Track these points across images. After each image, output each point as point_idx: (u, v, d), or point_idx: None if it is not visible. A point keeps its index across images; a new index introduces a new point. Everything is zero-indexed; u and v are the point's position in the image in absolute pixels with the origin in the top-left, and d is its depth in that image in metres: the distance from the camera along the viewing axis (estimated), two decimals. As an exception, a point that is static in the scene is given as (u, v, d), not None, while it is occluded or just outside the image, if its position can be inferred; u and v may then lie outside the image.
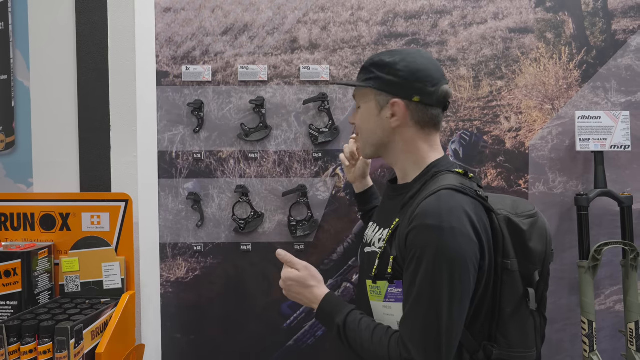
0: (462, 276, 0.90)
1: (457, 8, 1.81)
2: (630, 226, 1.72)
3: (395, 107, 1.06)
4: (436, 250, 0.90)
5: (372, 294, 1.05)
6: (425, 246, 0.91)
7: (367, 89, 1.11)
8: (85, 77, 1.61)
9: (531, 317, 1.01)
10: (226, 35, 1.82)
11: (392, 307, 1.01)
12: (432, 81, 1.05)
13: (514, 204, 1.07)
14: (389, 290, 1.00)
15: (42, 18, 1.62)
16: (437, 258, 0.89)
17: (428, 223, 0.91)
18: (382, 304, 1.03)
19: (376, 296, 1.03)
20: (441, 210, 0.92)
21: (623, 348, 1.75)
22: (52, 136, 1.62)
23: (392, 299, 1.00)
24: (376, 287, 1.03)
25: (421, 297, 0.91)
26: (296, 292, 1.13)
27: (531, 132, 1.82)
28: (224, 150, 1.83)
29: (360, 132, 1.16)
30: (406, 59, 1.06)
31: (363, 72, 1.13)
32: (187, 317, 1.84)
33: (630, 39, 1.81)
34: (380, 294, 1.02)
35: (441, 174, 1.03)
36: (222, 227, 1.83)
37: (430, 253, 0.90)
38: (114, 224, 1.51)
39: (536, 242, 1.02)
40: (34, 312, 1.32)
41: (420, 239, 0.92)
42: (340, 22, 1.82)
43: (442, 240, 0.89)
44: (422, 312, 0.91)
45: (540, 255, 1.02)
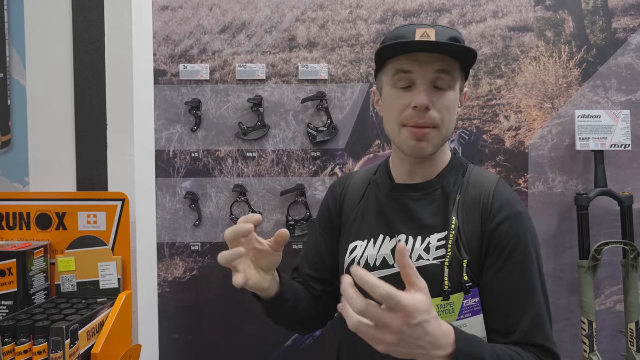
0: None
1: (456, 6, 1.80)
2: (631, 226, 1.71)
3: (463, 96, 0.97)
4: (534, 235, 0.90)
5: (441, 315, 0.84)
6: (526, 232, 0.88)
7: (458, 69, 0.90)
8: (81, 76, 1.60)
9: None
10: (224, 34, 1.81)
11: (467, 325, 0.85)
12: None
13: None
14: (465, 303, 0.85)
15: (38, 16, 1.61)
16: (536, 242, 0.89)
17: (519, 210, 0.89)
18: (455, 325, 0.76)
19: (447, 316, 0.85)
20: (518, 197, 0.93)
21: (623, 349, 1.74)
22: (48, 135, 1.61)
23: (469, 313, 0.86)
24: (448, 304, 0.85)
25: (536, 287, 0.86)
26: (419, 340, 0.64)
27: (531, 131, 1.81)
28: (222, 149, 1.82)
29: (447, 120, 0.89)
30: None
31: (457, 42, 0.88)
32: (184, 317, 1.82)
33: (630, 38, 1.80)
34: (454, 312, 0.85)
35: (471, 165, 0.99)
36: (220, 227, 1.82)
37: (531, 238, 0.88)
38: (111, 223, 1.50)
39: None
40: (30, 312, 1.31)
41: (518, 227, 0.87)
42: (339, 20, 1.81)
43: (532, 226, 0.91)
44: (543, 302, 0.86)
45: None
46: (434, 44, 0.84)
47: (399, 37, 0.88)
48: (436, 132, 0.89)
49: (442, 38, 0.85)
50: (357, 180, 1.07)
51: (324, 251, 1.08)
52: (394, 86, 0.90)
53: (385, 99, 0.93)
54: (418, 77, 0.87)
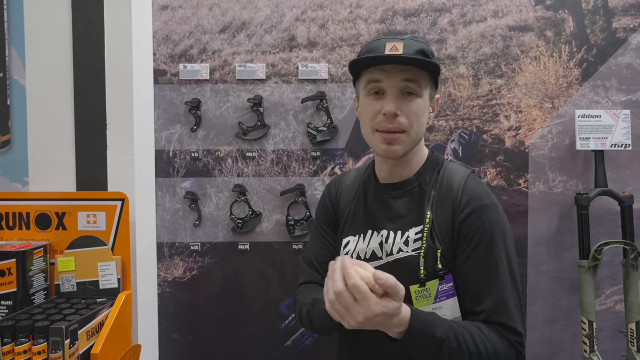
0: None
1: (456, 6, 1.80)
2: (631, 226, 1.70)
3: (435, 103, 1.06)
4: (502, 225, 0.97)
5: (419, 299, 0.97)
6: (493, 223, 0.95)
7: (426, 77, 0.98)
8: (81, 76, 1.60)
9: None
10: (224, 34, 1.81)
11: (443, 307, 0.97)
12: None
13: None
14: (440, 289, 0.97)
15: (38, 16, 1.61)
16: (504, 232, 0.96)
17: (486, 203, 0.97)
18: (431, 307, 0.96)
19: (424, 300, 0.97)
20: (487, 190, 1.00)
21: (624, 349, 1.74)
22: (48, 135, 1.61)
23: (444, 296, 0.97)
24: (425, 289, 0.96)
25: (502, 272, 0.94)
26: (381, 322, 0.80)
27: (531, 131, 1.81)
28: (222, 149, 1.82)
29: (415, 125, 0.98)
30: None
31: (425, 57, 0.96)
32: (184, 317, 1.82)
33: (631, 38, 1.80)
34: (430, 296, 0.97)
35: (447, 162, 1.07)
36: (220, 227, 1.82)
37: (498, 228, 0.95)
38: (111, 223, 1.49)
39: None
40: (29, 312, 1.30)
41: (484, 219, 0.95)
42: (339, 20, 1.81)
43: (501, 216, 0.98)
44: (508, 285, 0.94)
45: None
46: (399, 57, 0.94)
47: (371, 50, 0.99)
48: (405, 136, 0.99)
49: (409, 51, 0.95)
50: (349, 180, 1.18)
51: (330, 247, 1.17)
52: (367, 94, 1.01)
53: (361, 106, 1.05)
54: (387, 86, 0.97)
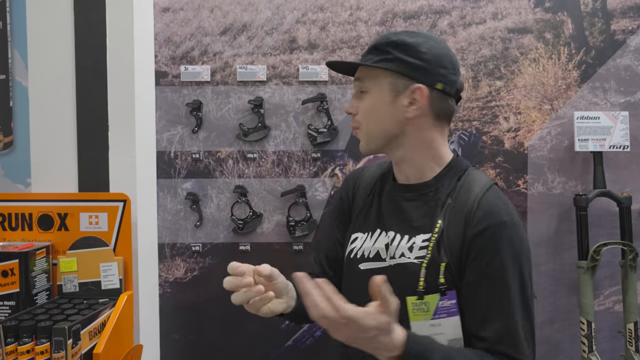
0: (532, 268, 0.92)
1: (455, 8, 1.81)
2: (629, 226, 1.71)
3: (417, 93, 0.92)
4: (520, 246, 0.88)
5: (415, 312, 0.90)
6: (509, 243, 0.87)
7: (378, 72, 0.95)
8: (83, 77, 1.61)
9: None
10: (225, 35, 1.82)
11: (442, 324, 0.89)
12: (454, 68, 0.96)
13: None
14: (440, 305, 0.88)
15: (40, 18, 1.61)
16: (521, 254, 0.88)
17: (503, 220, 0.88)
18: (429, 323, 0.89)
19: (422, 314, 0.89)
20: (507, 206, 0.91)
21: (622, 349, 1.75)
22: (50, 136, 1.62)
23: (444, 314, 0.88)
24: (423, 303, 0.89)
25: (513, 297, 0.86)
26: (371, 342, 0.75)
27: (530, 133, 1.82)
28: (223, 150, 1.83)
29: (365, 122, 0.98)
30: (429, 42, 0.94)
31: (375, 52, 0.96)
32: (185, 317, 1.83)
33: (629, 39, 1.81)
34: (428, 311, 0.89)
35: (471, 170, 0.98)
36: (221, 228, 1.83)
37: (514, 250, 0.87)
38: (112, 224, 1.50)
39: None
40: (32, 312, 1.32)
41: (499, 238, 0.87)
42: (339, 22, 1.82)
43: (520, 236, 0.89)
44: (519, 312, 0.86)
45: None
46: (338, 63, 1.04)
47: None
48: (360, 132, 1.00)
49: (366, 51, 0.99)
50: (368, 174, 1.12)
51: (340, 239, 1.12)
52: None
53: None
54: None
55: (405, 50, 0.93)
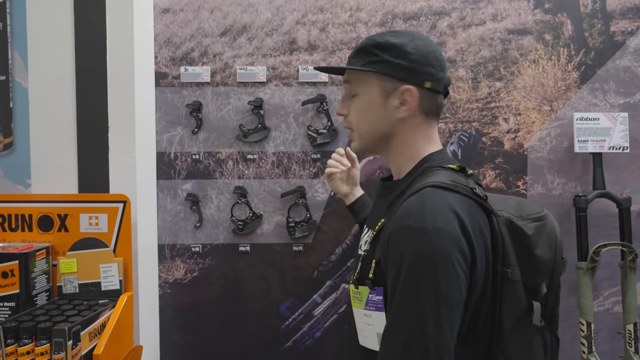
0: (451, 282, 0.78)
1: (455, 9, 1.82)
2: (629, 227, 1.72)
3: (407, 94, 0.92)
4: (418, 253, 0.78)
5: (354, 299, 0.95)
6: (406, 249, 0.80)
7: (367, 74, 0.95)
8: (83, 78, 1.61)
9: (539, 335, 0.89)
10: (225, 36, 1.82)
11: (372, 316, 0.90)
12: (441, 65, 0.95)
13: (519, 206, 0.94)
14: (370, 297, 0.90)
15: (40, 19, 1.62)
16: (420, 262, 0.78)
17: (409, 224, 0.81)
18: (363, 312, 0.92)
19: (358, 302, 0.93)
20: (425, 209, 0.81)
21: (621, 349, 1.75)
22: (50, 137, 1.62)
23: (373, 307, 0.90)
24: (358, 292, 0.93)
25: (403, 307, 0.79)
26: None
27: (530, 134, 1.82)
28: (223, 151, 1.83)
29: (357, 124, 0.99)
30: (414, 41, 0.93)
31: (361, 55, 0.96)
32: (185, 318, 1.83)
33: (628, 41, 1.82)
34: (362, 300, 0.92)
35: (432, 170, 0.92)
36: (221, 228, 1.83)
37: (410, 257, 0.79)
38: (112, 225, 1.51)
39: (543, 249, 0.90)
40: (32, 313, 1.32)
41: (401, 242, 0.81)
42: (339, 23, 1.82)
43: (425, 242, 0.78)
44: (404, 326, 0.79)
45: (548, 264, 0.91)
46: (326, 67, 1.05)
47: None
48: (353, 134, 1.02)
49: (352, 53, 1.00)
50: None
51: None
52: None
53: None
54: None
55: (391, 52, 0.93)
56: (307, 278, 1.83)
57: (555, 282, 0.93)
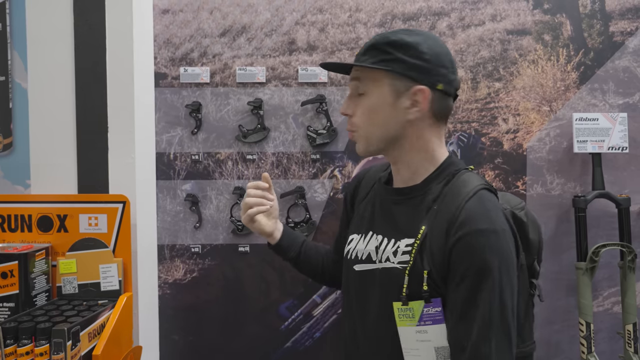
0: (516, 279, 0.85)
1: (454, 10, 1.82)
2: (628, 228, 1.72)
3: (419, 95, 0.90)
4: (499, 256, 0.81)
5: (401, 318, 0.89)
6: (486, 254, 0.81)
7: (378, 73, 0.92)
8: (82, 79, 1.61)
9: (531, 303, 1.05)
10: (224, 37, 1.82)
11: (428, 332, 0.87)
12: (453, 67, 0.93)
13: (506, 197, 1.07)
14: (425, 312, 0.86)
15: (40, 19, 1.62)
16: (502, 266, 0.81)
17: (482, 228, 0.82)
18: (415, 329, 0.87)
19: (407, 320, 0.88)
20: (490, 212, 0.84)
21: (621, 350, 1.75)
22: (49, 138, 1.62)
23: (429, 321, 0.86)
24: (408, 309, 0.88)
25: (493, 316, 0.80)
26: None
27: (529, 134, 1.82)
28: (222, 151, 1.83)
29: (364, 124, 0.95)
30: (428, 41, 0.91)
31: (373, 52, 0.93)
32: (184, 318, 1.83)
33: (627, 41, 1.82)
34: (414, 317, 0.87)
35: (462, 173, 0.92)
36: (220, 229, 1.83)
37: (493, 261, 0.81)
38: (112, 225, 1.51)
39: (534, 233, 1.04)
40: (31, 313, 1.32)
41: (477, 247, 0.81)
42: (339, 23, 1.82)
43: (499, 244, 0.82)
44: (495, 333, 0.80)
45: (537, 245, 1.06)
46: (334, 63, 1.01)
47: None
48: (357, 135, 0.97)
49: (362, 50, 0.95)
50: (370, 174, 1.12)
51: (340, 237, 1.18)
52: None
53: None
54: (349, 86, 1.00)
55: (405, 50, 0.90)
56: (306, 278, 1.82)
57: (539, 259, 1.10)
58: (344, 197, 1.19)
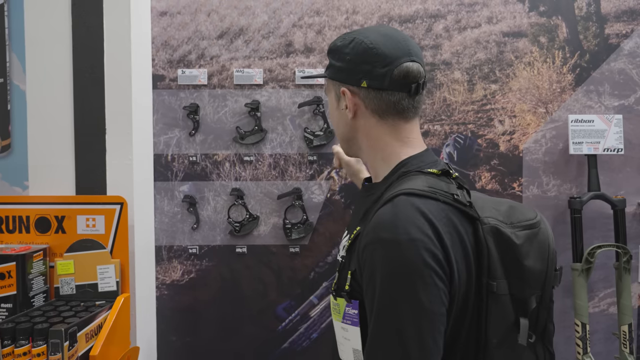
0: (430, 294, 0.72)
1: (451, 12, 1.83)
2: (624, 229, 1.73)
3: (345, 96, 0.92)
4: (393, 268, 0.73)
5: (333, 311, 0.88)
6: (380, 264, 0.74)
7: (328, 80, 0.98)
8: (81, 81, 1.62)
9: (528, 350, 0.83)
10: (222, 39, 1.83)
11: (348, 330, 0.84)
12: (384, 61, 0.86)
13: (510, 211, 0.86)
14: (346, 310, 0.84)
15: (38, 21, 1.63)
16: (396, 277, 0.73)
17: (381, 236, 0.75)
18: (340, 325, 0.86)
19: (336, 314, 0.87)
20: (397, 219, 0.75)
21: (616, 350, 1.76)
22: (47, 139, 1.63)
23: (349, 320, 0.84)
24: (336, 304, 0.86)
25: (382, 325, 0.74)
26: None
27: (525, 136, 1.83)
28: (220, 153, 1.84)
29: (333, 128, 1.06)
30: (356, 39, 0.89)
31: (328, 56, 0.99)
32: (182, 319, 1.84)
33: (623, 43, 1.83)
34: (339, 313, 0.85)
35: (408, 175, 0.85)
36: (218, 230, 1.84)
37: (385, 272, 0.74)
38: (109, 226, 1.51)
39: (534, 260, 0.83)
40: (29, 314, 1.32)
41: (374, 256, 0.75)
42: (335, 26, 1.83)
43: (400, 256, 0.73)
44: (383, 345, 0.73)
45: (539, 276, 0.84)
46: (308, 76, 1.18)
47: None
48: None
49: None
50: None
51: None
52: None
53: None
54: None
55: (333, 55, 0.95)
56: (303, 279, 1.84)
57: (547, 295, 0.86)
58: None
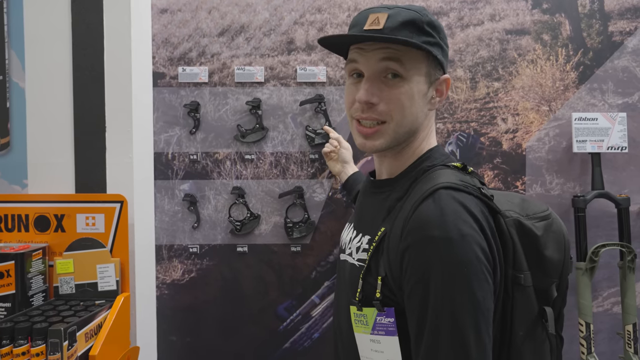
0: (484, 291, 0.70)
1: (453, 10, 1.81)
2: (628, 228, 1.71)
3: (444, 85, 0.84)
4: (448, 266, 0.70)
5: (357, 324, 0.81)
6: (432, 264, 0.71)
7: (421, 56, 0.81)
8: (80, 78, 1.61)
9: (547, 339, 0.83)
10: (222, 37, 1.82)
11: (381, 342, 0.78)
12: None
13: (524, 204, 0.86)
14: (378, 320, 0.78)
15: (37, 19, 1.61)
16: (452, 275, 0.70)
17: (431, 234, 0.71)
18: (369, 337, 0.79)
19: (362, 327, 0.80)
20: (445, 215, 0.72)
21: (621, 350, 1.75)
22: (47, 137, 1.62)
23: (382, 331, 0.78)
24: (362, 315, 0.80)
25: (440, 329, 0.70)
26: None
27: (528, 134, 1.82)
28: (220, 151, 1.82)
29: (399, 114, 0.81)
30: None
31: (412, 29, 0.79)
32: (182, 319, 1.83)
33: (626, 41, 1.81)
34: (368, 325, 0.79)
35: (434, 170, 0.82)
36: (218, 229, 1.82)
37: (440, 271, 0.70)
38: (109, 225, 1.50)
39: (552, 250, 0.83)
40: (27, 314, 1.31)
41: (425, 256, 0.72)
42: (337, 23, 1.82)
43: (455, 253, 0.70)
44: (445, 348, 0.69)
45: (558, 265, 0.83)
46: (364, 37, 0.80)
47: (353, 24, 0.84)
48: (386, 127, 0.82)
49: (392, 23, 0.78)
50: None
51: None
52: (348, 76, 0.87)
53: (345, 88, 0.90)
54: (363, 67, 0.82)
55: (440, 34, 0.82)
56: (305, 279, 1.83)
57: (564, 283, 0.86)
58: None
